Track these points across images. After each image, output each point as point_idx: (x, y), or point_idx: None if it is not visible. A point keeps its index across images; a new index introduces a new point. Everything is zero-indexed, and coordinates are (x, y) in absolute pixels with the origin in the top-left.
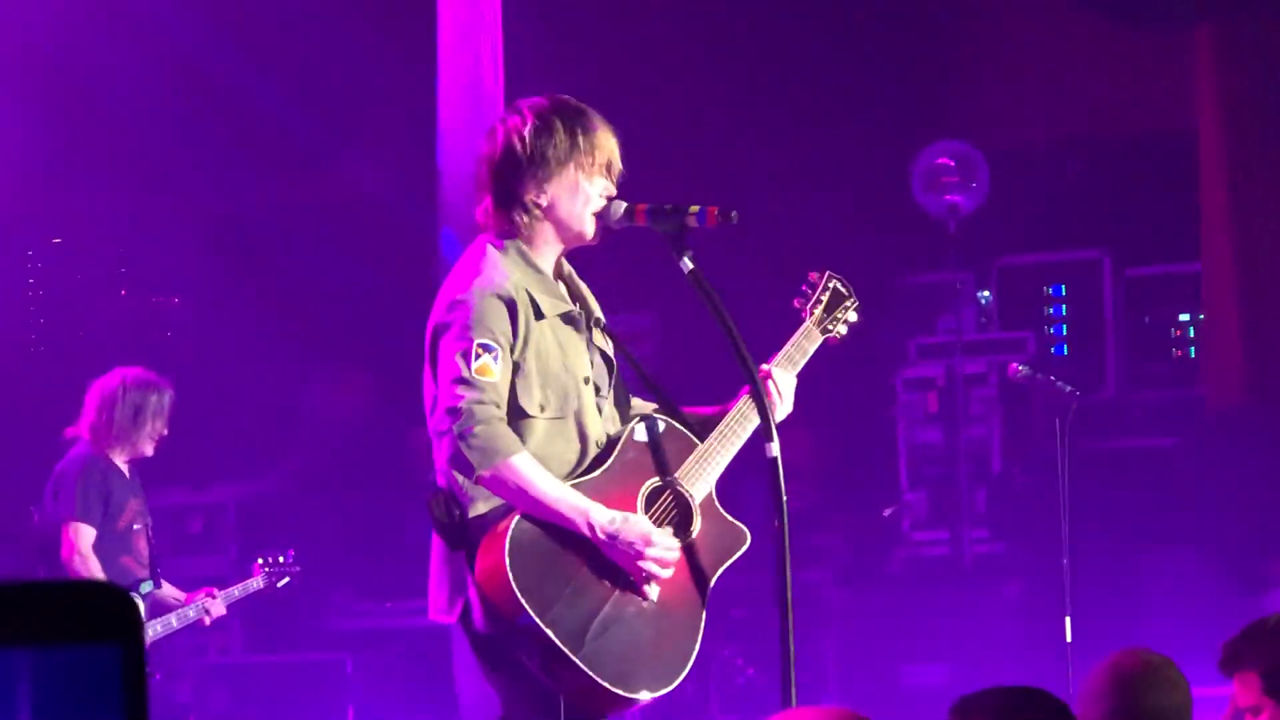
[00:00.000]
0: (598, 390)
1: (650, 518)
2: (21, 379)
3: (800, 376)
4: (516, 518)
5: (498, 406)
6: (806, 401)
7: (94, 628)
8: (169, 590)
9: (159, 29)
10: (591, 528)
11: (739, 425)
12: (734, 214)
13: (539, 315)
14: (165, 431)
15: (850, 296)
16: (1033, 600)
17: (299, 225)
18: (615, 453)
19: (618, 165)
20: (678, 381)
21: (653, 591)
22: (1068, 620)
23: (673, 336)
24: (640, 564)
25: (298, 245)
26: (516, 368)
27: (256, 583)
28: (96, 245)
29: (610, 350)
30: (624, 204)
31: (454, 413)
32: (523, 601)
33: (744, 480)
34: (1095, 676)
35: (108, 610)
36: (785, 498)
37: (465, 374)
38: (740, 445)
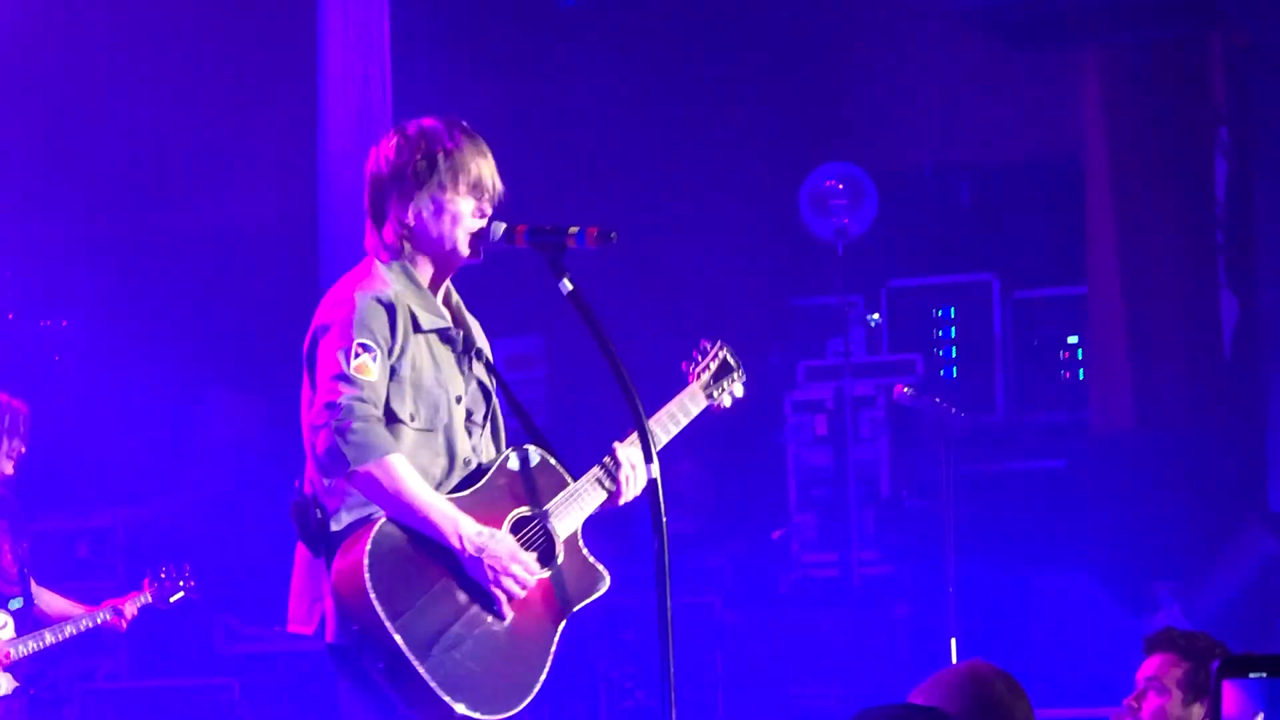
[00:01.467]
0: (469, 416)
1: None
2: None
3: None
4: (381, 520)
5: (376, 407)
6: (696, 424)
7: None
8: (58, 603)
9: (39, 52)
10: (460, 538)
11: (610, 472)
12: (613, 234)
13: (417, 328)
14: (23, 449)
15: (738, 370)
16: (920, 622)
17: (189, 249)
18: (486, 477)
19: (489, 185)
20: (566, 404)
21: (507, 613)
22: (953, 642)
23: (561, 359)
24: (502, 580)
25: (187, 269)
26: (392, 372)
27: (144, 597)
28: None
29: (490, 383)
30: (503, 224)
31: (332, 408)
32: (374, 601)
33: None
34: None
35: None
36: (665, 519)
37: (345, 370)
38: (608, 494)
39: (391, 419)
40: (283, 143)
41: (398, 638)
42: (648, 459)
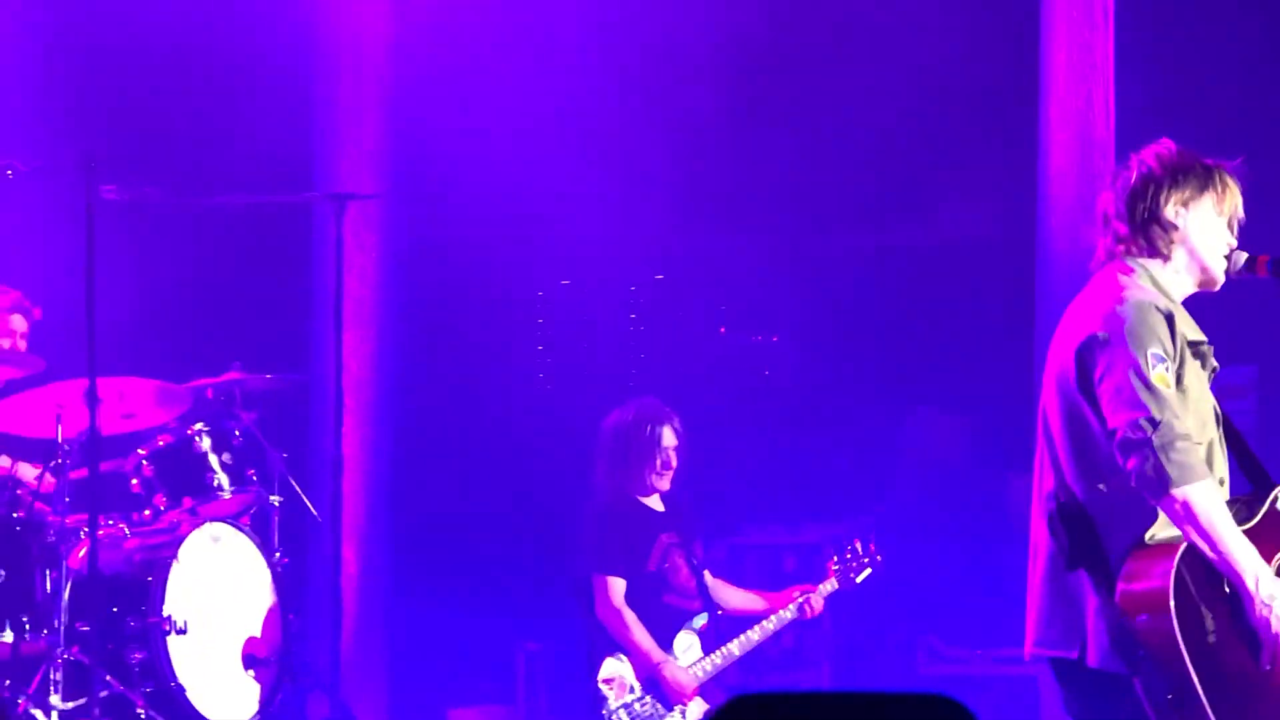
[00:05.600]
0: (1220, 430)
1: None
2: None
3: None
4: (1184, 547)
5: (1185, 423)
6: None
7: None
8: (738, 598)
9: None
10: (1257, 583)
11: None
12: None
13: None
14: (674, 463)
15: None
16: None
17: (898, 266)
18: (1261, 513)
19: (1241, 216)
20: (1277, 434)
21: (1272, 665)
22: None
23: (1273, 389)
24: None
25: (895, 286)
26: (1176, 381)
27: (830, 584)
28: (697, 283)
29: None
30: (1245, 254)
31: (1150, 422)
32: (1176, 631)
33: None
34: None
35: None
36: None
37: (1150, 382)
38: None
39: None
40: (1002, 160)
41: (1193, 673)
42: None
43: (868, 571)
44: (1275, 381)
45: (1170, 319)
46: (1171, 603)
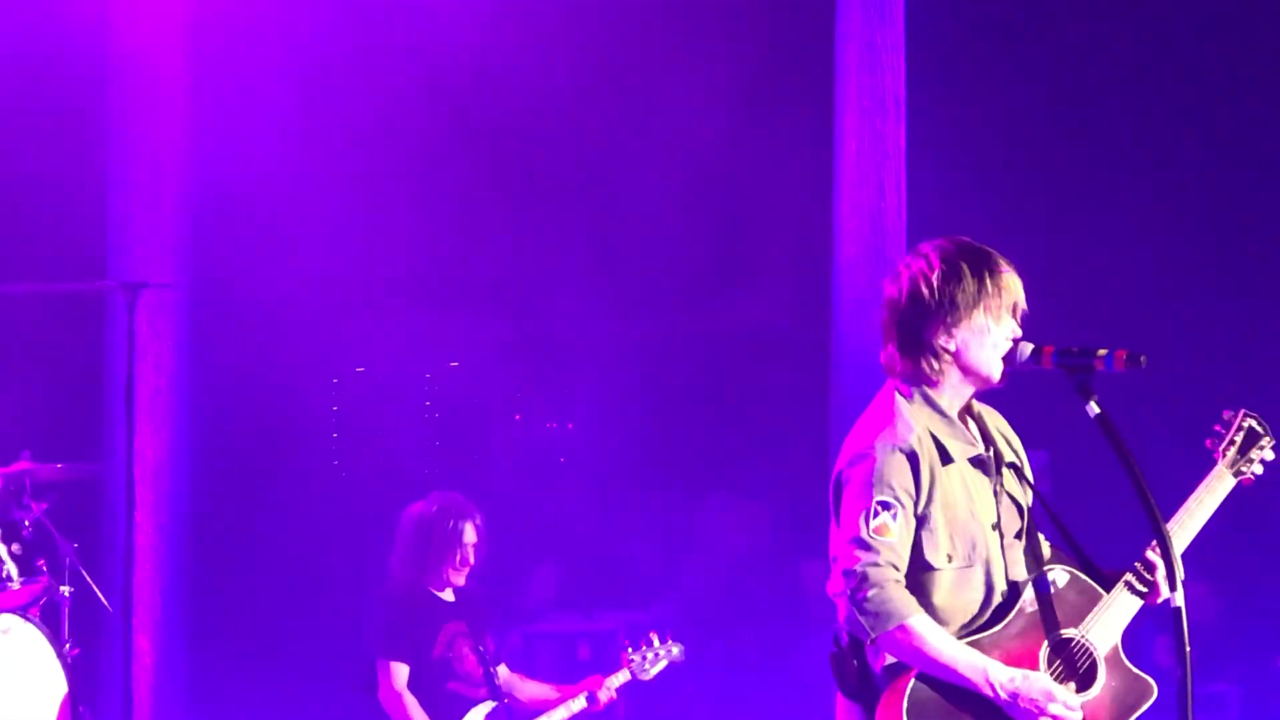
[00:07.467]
0: (1003, 538)
1: (1051, 674)
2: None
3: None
4: (915, 676)
5: (894, 568)
6: (1203, 545)
7: None
8: (532, 689)
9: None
10: (992, 686)
11: (1143, 576)
12: (1143, 358)
13: (946, 460)
14: (471, 560)
15: (1267, 435)
16: None
17: (693, 353)
18: (1015, 608)
19: (1023, 306)
20: (1070, 520)
21: None
22: None
23: (1066, 474)
24: None
25: (692, 374)
26: (922, 521)
27: (622, 675)
28: (490, 370)
29: (1020, 494)
30: (1030, 345)
31: (849, 575)
32: None
33: (1139, 624)
34: None
35: None
36: (1189, 648)
37: (863, 534)
38: (1143, 598)
39: (926, 568)
40: (797, 248)
41: None
42: (1172, 587)
43: (663, 664)
44: (1068, 466)
45: (913, 457)
46: None
